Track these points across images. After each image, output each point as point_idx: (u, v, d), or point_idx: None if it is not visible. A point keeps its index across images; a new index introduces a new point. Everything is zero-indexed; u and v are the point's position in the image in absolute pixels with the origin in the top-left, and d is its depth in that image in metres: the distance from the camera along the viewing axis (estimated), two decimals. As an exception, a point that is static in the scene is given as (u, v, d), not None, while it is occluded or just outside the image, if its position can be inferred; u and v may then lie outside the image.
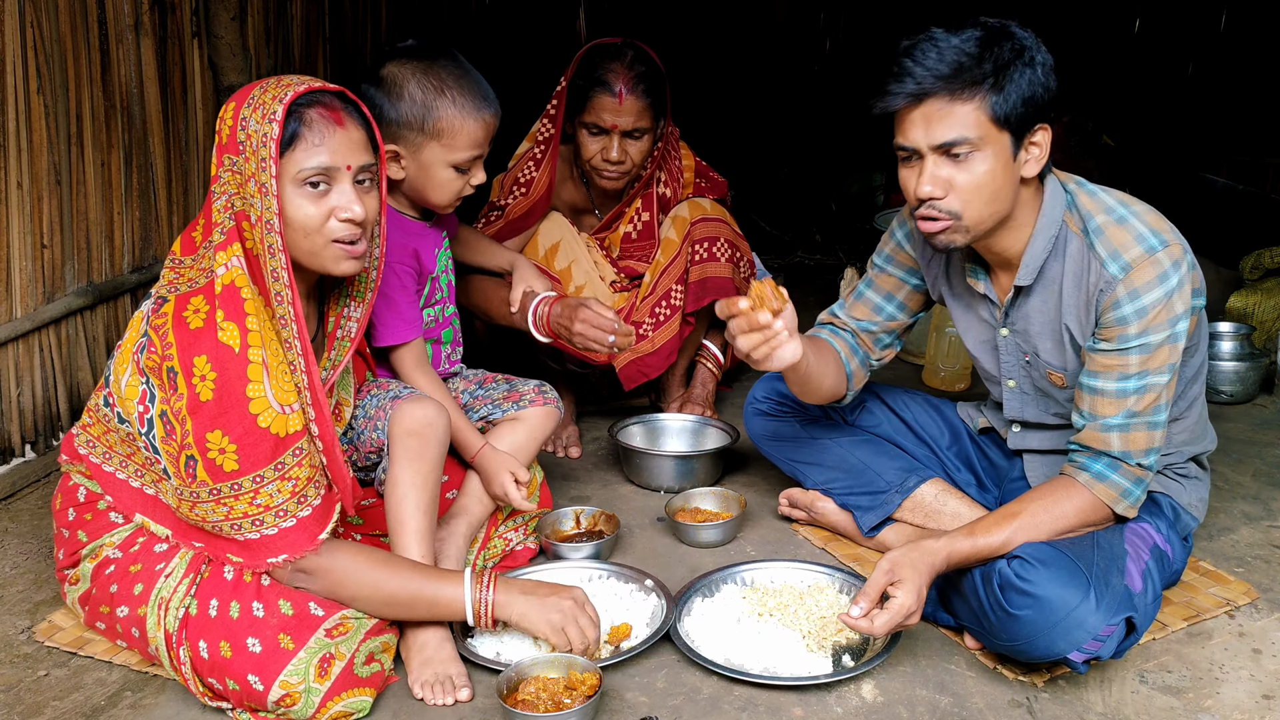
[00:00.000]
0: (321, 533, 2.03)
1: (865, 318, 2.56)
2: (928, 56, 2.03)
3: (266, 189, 1.96)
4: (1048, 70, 2.07)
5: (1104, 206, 2.16)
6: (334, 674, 1.98)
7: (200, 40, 3.48)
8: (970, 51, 2.03)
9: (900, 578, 2.04)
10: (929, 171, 2.09)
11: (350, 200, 2.04)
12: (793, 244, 5.37)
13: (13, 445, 2.96)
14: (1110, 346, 2.11)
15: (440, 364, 2.71)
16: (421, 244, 2.59)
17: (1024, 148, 2.09)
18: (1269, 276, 4.07)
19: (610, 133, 3.05)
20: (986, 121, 2.04)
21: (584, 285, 3.17)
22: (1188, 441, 2.36)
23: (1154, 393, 2.10)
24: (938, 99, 2.04)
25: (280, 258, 1.99)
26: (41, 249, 2.95)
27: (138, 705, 2.08)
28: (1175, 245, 2.10)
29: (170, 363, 1.94)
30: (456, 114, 2.41)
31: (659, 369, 3.17)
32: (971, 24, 2.08)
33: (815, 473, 2.68)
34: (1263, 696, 2.11)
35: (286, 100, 1.96)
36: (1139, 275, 2.07)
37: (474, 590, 2.11)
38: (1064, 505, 2.13)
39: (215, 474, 1.94)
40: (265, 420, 1.94)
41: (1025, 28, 2.09)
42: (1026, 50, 2.05)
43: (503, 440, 2.58)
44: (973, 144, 2.05)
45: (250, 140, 1.97)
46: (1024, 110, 2.05)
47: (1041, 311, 2.25)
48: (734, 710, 2.06)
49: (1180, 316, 2.09)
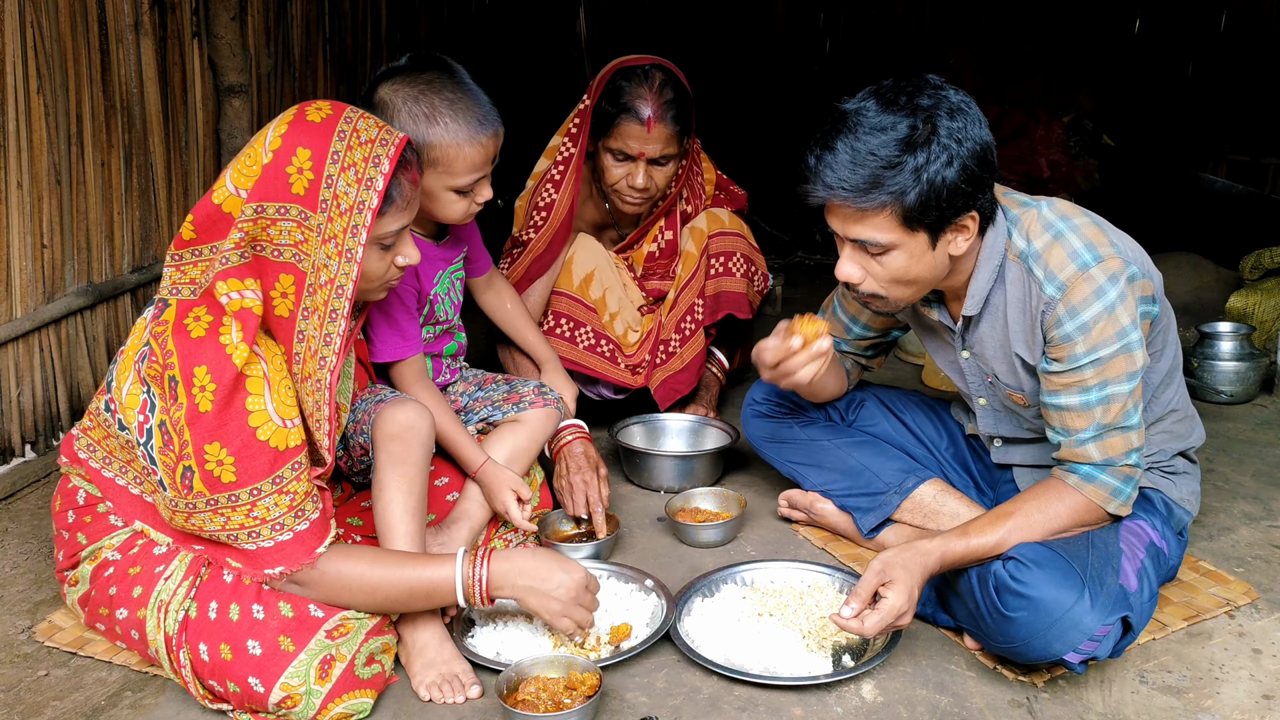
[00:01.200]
0: (319, 547, 2.02)
1: (839, 335, 2.62)
2: (840, 163, 2.01)
3: (351, 256, 1.95)
4: (972, 164, 2.01)
5: (1045, 224, 2.14)
6: (335, 675, 1.98)
7: (200, 40, 3.48)
8: (885, 159, 1.98)
9: (891, 578, 2.04)
10: (846, 259, 2.13)
11: (411, 249, 2.11)
12: (793, 244, 5.37)
13: (13, 445, 2.96)
14: (1062, 366, 2.11)
15: (441, 373, 2.71)
16: (423, 264, 2.56)
17: (948, 233, 2.08)
18: (1269, 276, 4.07)
19: (636, 160, 2.99)
20: (898, 227, 2.04)
21: (618, 313, 3.16)
22: (1171, 442, 2.36)
23: (1118, 402, 2.10)
24: (846, 206, 2.04)
25: (340, 324, 1.97)
26: (41, 249, 2.95)
27: (138, 705, 2.08)
28: (1112, 258, 2.07)
29: (171, 371, 1.93)
30: (451, 142, 2.33)
31: (690, 384, 3.18)
32: (902, 104, 2.00)
33: (814, 474, 2.68)
34: (1263, 696, 2.12)
35: (387, 172, 1.95)
36: (1075, 293, 2.07)
37: (465, 569, 2.07)
38: (1056, 506, 2.14)
39: (213, 485, 1.93)
40: (265, 434, 1.93)
41: (956, 112, 2.00)
42: (945, 150, 1.98)
43: (504, 443, 2.57)
44: (884, 246, 2.06)
45: (338, 202, 1.93)
46: (939, 213, 2.03)
47: (992, 337, 2.26)
48: (734, 710, 2.06)
49: (1129, 328, 2.07)
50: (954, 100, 2.03)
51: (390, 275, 2.12)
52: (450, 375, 2.74)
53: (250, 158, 1.95)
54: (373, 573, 2.06)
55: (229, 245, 1.94)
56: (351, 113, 2.01)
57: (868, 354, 2.68)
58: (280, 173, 1.93)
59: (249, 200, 1.93)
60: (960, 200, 2.03)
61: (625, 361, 3.13)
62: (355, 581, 2.04)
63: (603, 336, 3.10)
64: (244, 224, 1.93)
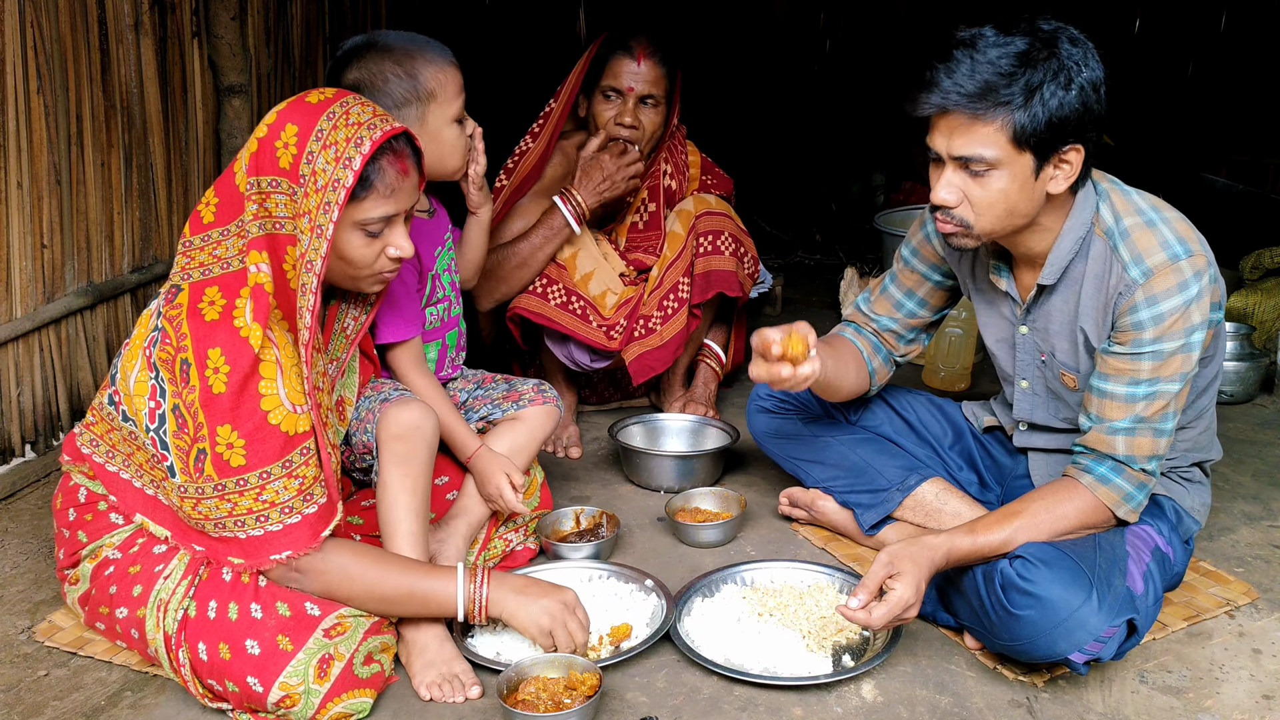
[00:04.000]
0: (325, 530, 2.04)
1: (886, 314, 2.59)
2: (959, 70, 2.02)
3: (322, 231, 1.96)
4: (1089, 91, 2.02)
5: (1135, 208, 2.15)
6: (333, 675, 1.98)
7: (200, 40, 3.48)
8: (1003, 69, 2.00)
9: (899, 570, 2.04)
10: (946, 179, 2.10)
11: (403, 240, 2.10)
12: (793, 244, 5.37)
13: (13, 445, 2.96)
14: (1124, 350, 2.11)
15: (444, 368, 2.70)
16: (421, 240, 2.58)
17: (1052, 165, 2.07)
18: (1269, 276, 4.07)
19: (626, 96, 3.11)
20: (1006, 143, 2.03)
21: (592, 273, 3.17)
22: (1191, 450, 2.36)
23: (1164, 400, 2.10)
24: (960, 114, 2.03)
25: (310, 298, 1.99)
26: (41, 249, 2.95)
27: (138, 705, 2.08)
28: (1200, 255, 2.09)
29: (185, 354, 1.94)
30: (435, 69, 2.44)
31: (667, 362, 3.18)
32: (1022, 29, 2.03)
33: (816, 470, 2.68)
34: (1263, 696, 2.12)
35: (366, 153, 1.97)
36: (1159, 281, 2.07)
37: (467, 587, 2.10)
38: (1065, 506, 2.13)
39: (222, 469, 1.94)
40: (276, 418, 1.95)
41: (1077, 40, 2.04)
42: (1065, 71, 2.00)
43: (503, 440, 2.57)
44: (990, 163, 2.05)
45: (316, 178, 1.96)
46: (1049, 134, 2.02)
47: (1061, 311, 2.25)
48: (734, 710, 2.06)
49: (1197, 327, 2.08)
50: (1075, 33, 2.05)
51: (381, 266, 2.12)
52: (452, 370, 2.74)
53: (254, 134, 2.03)
54: (375, 571, 2.06)
55: (249, 217, 2.00)
56: (352, 99, 2.04)
57: (910, 337, 2.60)
58: (270, 146, 1.99)
59: (249, 175, 2.00)
60: (1071, 126, 2.02)
61: (599, 322, 3.13)
62: (359, 575, 2.05)
63: (574, 294, 3.12)
64: (252, 196, 2.00)
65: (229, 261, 2.01)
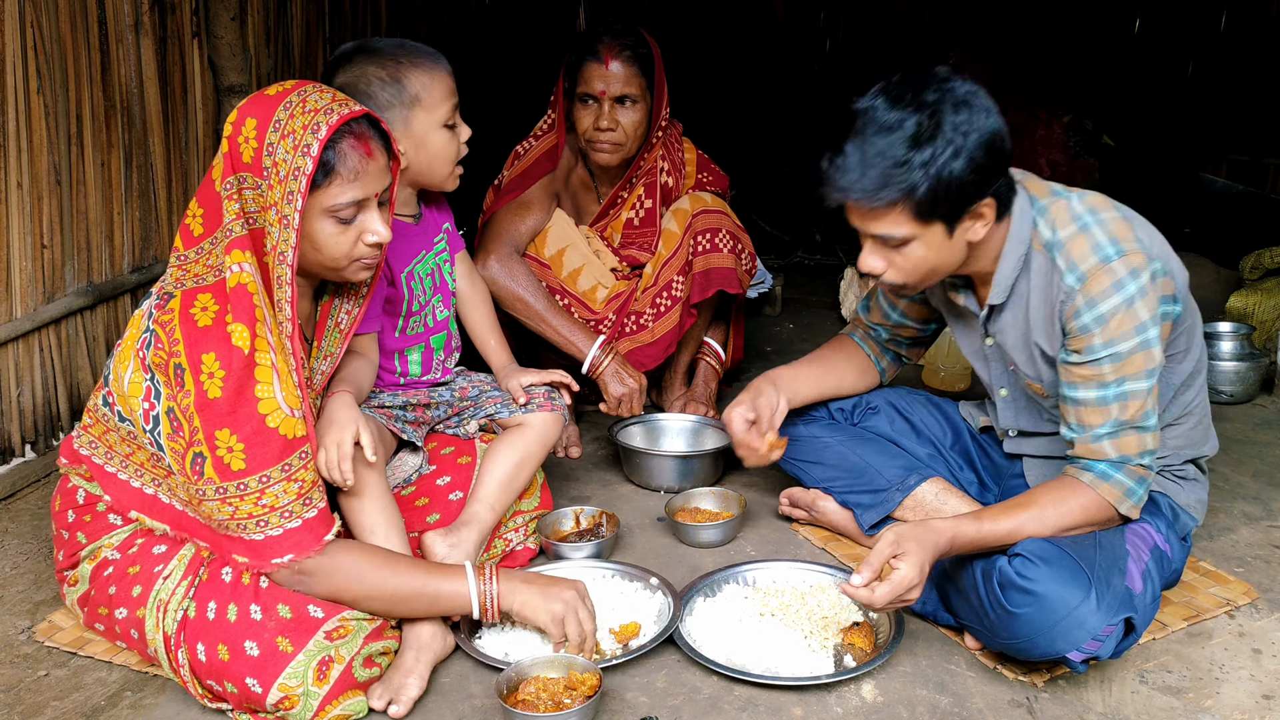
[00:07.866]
0: (327, 534, 2.03)
1: (880, 323, 2.68)
2: (850, 165, 2.04)
3: (288, 222, 1.96)
4: (981, 154, 2.02)
5: (1072, 215, 2.16)
6: (333, 677, 1.98)
7: (200, 40, 3.48)
8: (893, 158, 2.01)
9: (904, 550, 2.05)
10: (868, 251, 2.18)
11: (377, 225, 2.08)
12: (793, 244, 5.36)
13: (13, 445, 2.96)
14: (1080, 358, 2.12)
15: (432, 370, 2.68)
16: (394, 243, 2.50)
17: (965, 221, 2.10)
18: (1269, 276, 4.07)
19: (600, 100, 3.11)
20: (911, 221, 2.07)
21: (581, 267, 3.18)
22: (1184, 447, 2.36)
23: (1137, 399, 2.11)
24: (861, 206, 2.08)
25: (287, 290, 1.98)
26: (41, 249, 2.95)
27: (138, 705, 2.08)
28: (1135, 253, 2.09)
29: (177, 359, 1.93)
30: (422, 72, 2.43)
31: (657, 359, 3.18)
32: (908, 101, 2.02)
33: (816, 471, 2.68)
34: (1263, 696, 2.12)
35: (323, 138, 1.95)
36: (1094, 284, 2.08)
37: (478, 584, 2.11)
38: (1070, 503, 2.14)
39: (223, 472, 1.94)
40: (274, 421, 1.94)
41: (960, 105, 2.02)
42: (950, 144, 2.00)
43: (512, 447, 2.55)
44: (902, 239, 2.10)
45: (277, 169, 1.95)
46: (951, 204, 2.06)
47: (1014, 327, 2.28)
48: (734, 710, 2.06)
49: (1148, 323, 2.08)
50: (959, 93, 2.04)
51: (360, 253, 2.09)
52: (443, 374, 2.71)
53: (223, 135, 2.03)
54: (382, 573, 2.06)
55: (230, 217, 1.99)
56: (310, 87, 2.03)
57: (906, 343, 2.70)
58: (235, 144, 1.99)
59: (224, 176, 2.00)
60: (971, 190, 2.05)
61: (587, 316, 3.14)
62: (367, 575, 2.05)
63: (558, 290, 3.13)
64: (231, 195, 1.99)
65: (221, 269, 2.00)
